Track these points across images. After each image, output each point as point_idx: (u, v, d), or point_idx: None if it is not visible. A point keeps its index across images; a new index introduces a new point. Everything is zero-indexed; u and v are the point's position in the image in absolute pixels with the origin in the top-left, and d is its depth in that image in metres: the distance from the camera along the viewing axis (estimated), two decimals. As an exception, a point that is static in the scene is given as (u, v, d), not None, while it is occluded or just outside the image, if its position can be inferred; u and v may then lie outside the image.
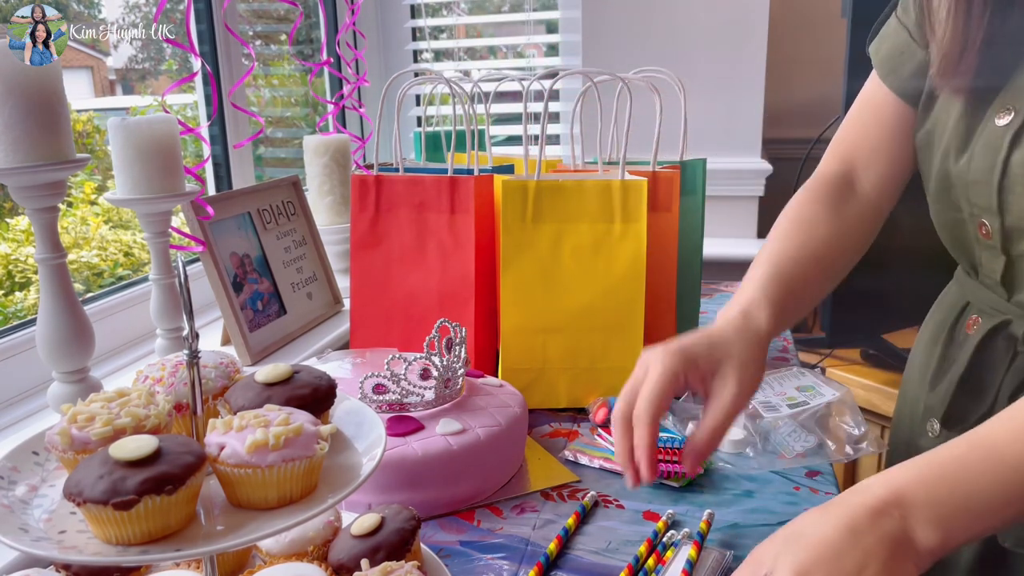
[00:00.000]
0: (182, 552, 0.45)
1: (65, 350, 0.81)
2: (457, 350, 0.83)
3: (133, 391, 0.53)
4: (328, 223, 1.41)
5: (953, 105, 0.72)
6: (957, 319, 0.80)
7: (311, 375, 0.57)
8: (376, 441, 0.55)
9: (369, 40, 1.88)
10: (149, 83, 1.74)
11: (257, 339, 1.08)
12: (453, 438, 0.77)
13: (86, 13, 1.45)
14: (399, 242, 1.04)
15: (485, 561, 0.70)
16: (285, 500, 0.49)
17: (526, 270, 0.97)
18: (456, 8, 1.97)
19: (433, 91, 1.29)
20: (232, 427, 0.49)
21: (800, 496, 0.79)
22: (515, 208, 0.97)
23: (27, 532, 0.45)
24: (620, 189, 0.97)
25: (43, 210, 0.78)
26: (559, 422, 0.97)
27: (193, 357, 0.51)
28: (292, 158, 1.79)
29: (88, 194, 1.48)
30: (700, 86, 1.68)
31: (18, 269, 1.28)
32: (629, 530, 0.74)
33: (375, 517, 0.62)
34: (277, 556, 0.62)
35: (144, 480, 0.43)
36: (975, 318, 0.77)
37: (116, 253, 1.45)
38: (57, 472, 0.52)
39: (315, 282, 1.26)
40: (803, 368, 1.02)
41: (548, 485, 0.83)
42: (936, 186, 0.75)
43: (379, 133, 1.15)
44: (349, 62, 1.56)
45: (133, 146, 0.90)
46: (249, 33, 1.69)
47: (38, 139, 0.74)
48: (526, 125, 1.05)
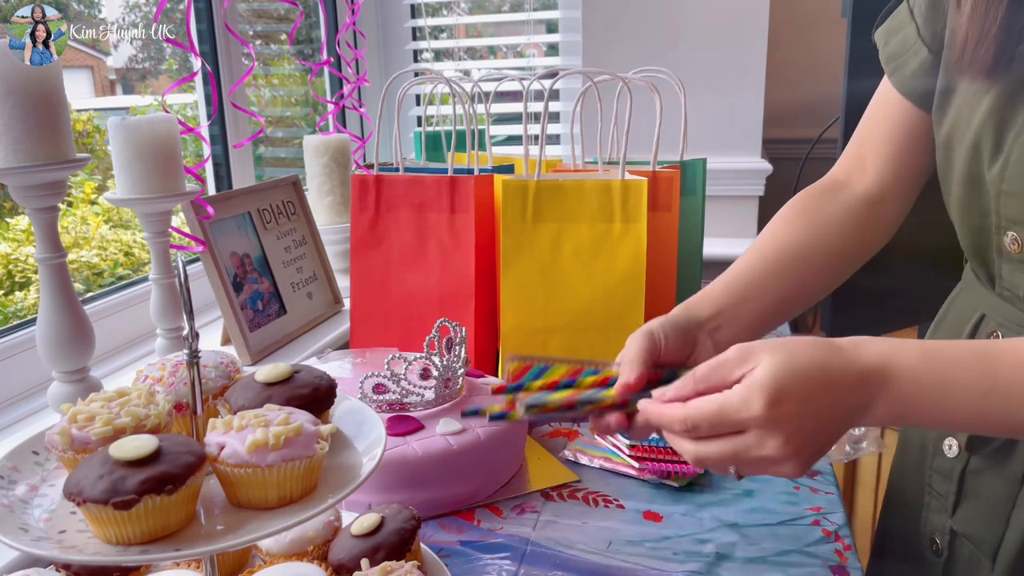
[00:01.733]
0: (182, 552, 0.45)
1: (65, 350, 0.81)
2: (457, 350, 0.83)
3: (133, 391, 0.53)
4: (328, 223, 1.41)
5: (979, 102, 0.67)
6: (973, 333, 0.76)
7: (311, 375, 0.57)
8: (376, 441, 0.55)
9: (369, 40, 1.88)
10: (149, 83, 1.74)
11: (257, 339, 1.08)
12: (453, 438, 0.77)
13: (86, 13, 1.45)
14: (399, 242, 1.04)
15: (485, 561, 0.70)
16: (285, 500, 0.49)
17: (526, 270, 0.97)
18: (456, 8, 1.97)
19: (433, 91, 1.29)
20: (232, 427, 0.49)
21: (800, 496, 0.79)
22: (515, 208, 0.97)
23: (27, 532, 0.45)
24: (620, 189, 0.97)
25: (43, 210, 0.78)
26: (559, 422, 0.97)
27: (193, 357, 0.51)
28: (292, 158, 1.79)
29: (88, 194, 1.48)
30: (700, 86, 1.68)
31: (18, 269, 1.28)
32: (629, 530, 0.74)
33: (375, 517, 0.62)
34: (277, 556, 0.62)
35: (144, 480, 0.43)
36: (995, 332, 0.72)
37: (116, 253, 1.45)
38: (57, 472, 0.52)
39: (315, 282, 1.26)
40: (803, 368, 1.01)
41: (548, 485, 0.83)
42: (961, 191, 0.70)
43: (379, 133, 1.15)
44: (349, 62, 1.56)
45: (133, 146, 0.90)
46: (249, 33, 1.69)
47: (38, 139, 0.74)
48: (526, 125, 1.05)
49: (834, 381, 0.54)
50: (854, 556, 0.69)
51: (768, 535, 0.73)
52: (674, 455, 0.83)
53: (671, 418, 0.57)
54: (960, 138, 0.69)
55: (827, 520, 0.75)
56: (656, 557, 0.70)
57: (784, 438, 0.53)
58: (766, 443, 0.53)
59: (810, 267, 0.79)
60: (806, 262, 0.79)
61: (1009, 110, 0.63)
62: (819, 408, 0.54)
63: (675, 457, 0.83)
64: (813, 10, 1.93)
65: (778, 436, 0.53)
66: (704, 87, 1.69)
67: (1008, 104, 0.63)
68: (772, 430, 0.53)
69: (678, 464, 0.82)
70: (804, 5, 1.93)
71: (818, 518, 0.75)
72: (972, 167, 0.68)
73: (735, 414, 0.54)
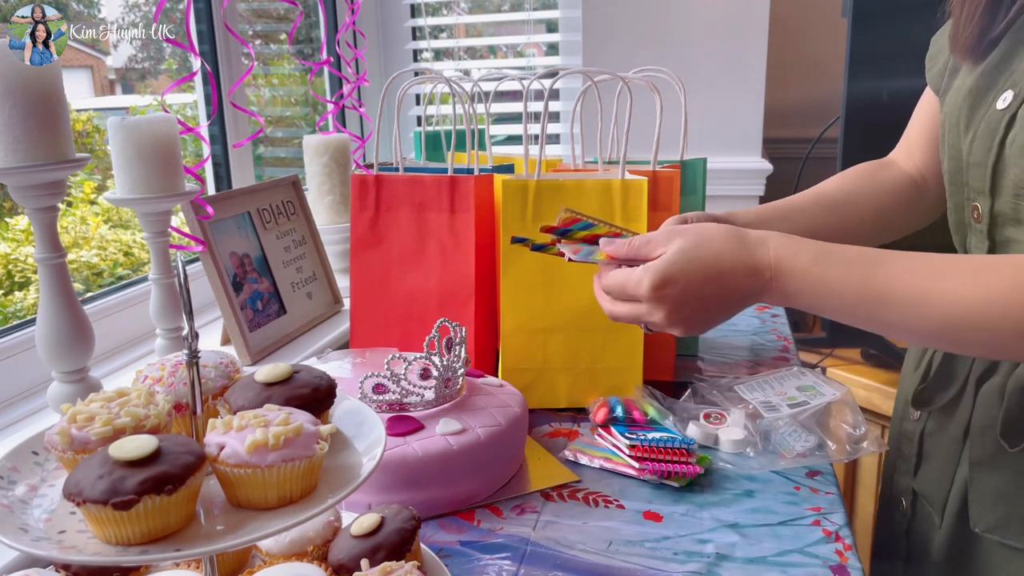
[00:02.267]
0: (182, 552, 0.45)
1: (65, 350, 0.81)
2: (457, 350, 0.83)
3: (133, 391, 0.53)
4: (328, 223, 1.41)
5: (963, 83, 0.75)
6: None
7: (311, 375, 0.57)
8: (376, 441, 0.55)
9: (369, 39, 1.88)
10: (149, 83, 1.74)
11: (257, 339, 1.08)
12: (453, 438, 0.77)
13: (86, 13, 1.45)
14: (399, 242, 1.04)
15: (485, 561, 0.70)
16: (285, 500, 0.49)
17: (526, 270, 0.97)
18: (456, 7, 1.97)
19: (433, 90, 1.29)
20: (232, 427, 0.49)
21: (800, 496, 0.79)
22: (515, 208, 0.97)
23: (27, 532, 0.45)
24: (620, 189, 0.96)
25: (43, 210, 0.78)
26: (559, 422, 0.97)
27: (193, 357, 0.51)
28: (292, 158, 1.79)
29: (88, 194, 1.48)
30: (700, 86, 1.68)
31: (18, 269, 1.28)
32: (629, 530, 0.74)
33: (375, 517, 0.62)
34: (277, 556, 0.62)
35: (144, 480, 0.43)
36: None
37: (116, 253, 1.45)
38: (57, 472, 0.52)
39: (315, 282, 1.26)
40: (803, 368, 1.02)
41: (548, 485, 0.83)
42: (948, 166, 0.79)
43: (379, 132, 1.15)
44: (349, 61, 1.56)
45: (133, 146, 0.90)
46: (249, 32, 1.69)
47: (38, 139, 0.74)
48: (526, 125, 1.05)
49: (725, 272, 0.66)
50: (854, 556, 0.69)
51: (768, 535, 0.73)
52: (674, 455, 0.83)
53: (600, 283, 0.74)
54: (949, 115, 0.78)
55: (827, 520, 0.75)
56: (656, 557, 0.70)
57: (667, 313, 0.68)
58: (654, 313, 0.68)
59: (855, 212, 0.91)
60: (854, 207, 0.91)
61: (983, 88, 0.72)
62: (704, 294, 0.67)
63: (675, 457, 0.83)
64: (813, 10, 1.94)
65: (662, 311, 0.68)
66: (704, 87, 1.70)
67: (984, 83, 0.72)
68: (657, 306, 0.68)
69: (678, 464, 0.82)
70: (804, 5, 1.94)
71: (818, 518, 0.75)
72: (954, 142, 0.76)
73: (632, 289, 0.69)
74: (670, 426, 0.90)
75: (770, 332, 1.28)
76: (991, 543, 0.74)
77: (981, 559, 0.75)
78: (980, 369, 0.75)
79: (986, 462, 0.74)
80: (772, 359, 1.16)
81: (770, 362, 1.14)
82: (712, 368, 1.13)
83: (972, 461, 0.75)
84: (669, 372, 1.08)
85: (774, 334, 1.28)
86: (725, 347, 1.21)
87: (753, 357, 1.17)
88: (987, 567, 0.75)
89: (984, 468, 0.74)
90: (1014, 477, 0.71)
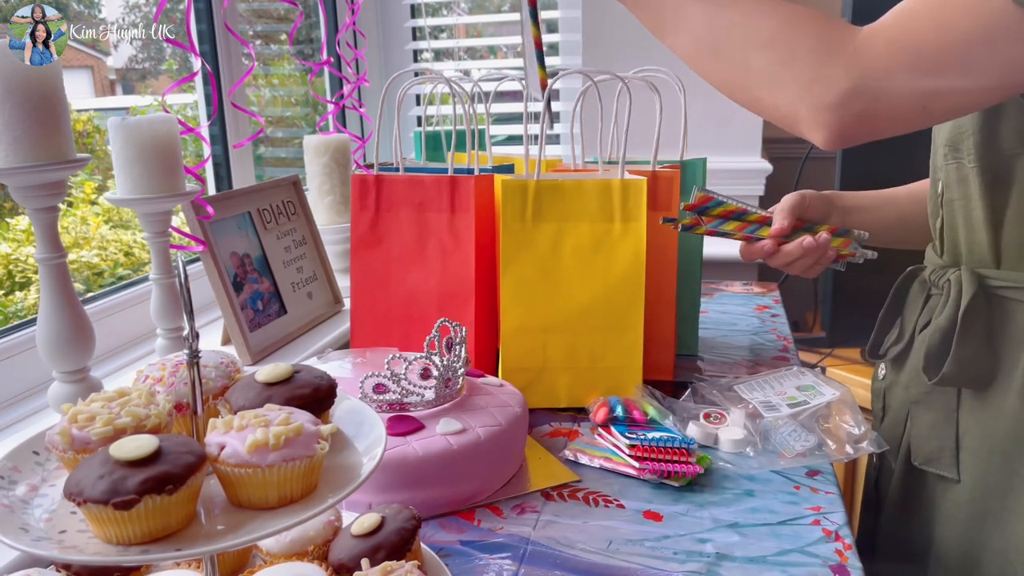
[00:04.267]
0: (182, 552, 0.45)
1: (65, 350, 0.81)
2: (457, 350, 0.83)
3: (133, 391, 0.53)
4: (328, 223, 1.41)
5: None
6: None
7: (311, 375, 0.57)
8: (376, 441, 0.55)
9: (369, 40, 1.88)
10: (149, 83, 1.74)
11: (257, 339, 1.08)
12: (453, 438, 0.77)
13: (86, 13, 1.45)
14: (399, 242, 1.04)
15: (485, 561, 0.70)
16: (285, 500, 0.49)
17: (526, 270, 0.97)
18: (456, 8, 1.97)
19: (433, 91, 1.29)
20: (232, 427, 0.49)
21: (800, 495, 0.79)
22: (515, 208, 0.97)
23: (27, 532, 0.45)
24: (620, 188, 0.97)
25: (43, 210, 0.78)
26: (559, 422, 0.97)
27: (193, 357, 0.51)
28: (292, 158, 1.79)
29: (88, 194, 1.48)
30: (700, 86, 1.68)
31: (18, 269, 1.28)
32: (629, 529, 0.74)
33: (375, 517, 0.62)
34: (277, 556, 0.62)
35: (144, 480, 0.43)
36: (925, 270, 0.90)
37: (116, 253, 1.45)
38: (57, 472, 0.52)
39: (315, 282, 1.26)
40: (803, 368, 1.02)
41: (548, 485, 0.83)
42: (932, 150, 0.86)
43: (379, 133, 1.15)
44: (349, 62, 1.56)
45: (133, 146, 0.90)
46: (249, 33, 1.69)
47: (38, 139, 0.74)
48: (526, 125, 1.05)
49: None
50: (854, 556, 0.69)
51: (768, 535, 0.73)
52: (674, 455, 0.83)
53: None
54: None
55: (827, 520, 0.75)
56: (656, 557, 0.70)
57: None
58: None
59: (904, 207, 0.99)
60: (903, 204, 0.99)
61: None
62: None
63: (675, 457, 0.83)
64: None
65: None
66: (704, 87, 1.68)
67: None
68: None
69: (678, 464, 0.82)
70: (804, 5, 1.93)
71: (818, 518, 0.75)
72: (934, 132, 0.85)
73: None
74: (670, 426, 0.90)
75: (770, 332, 1.29)
76: (931, 477, 0.83)
77: (925, 495, 0.84)
78: (923, 322, 0.86)
79: (921, 400, 0.84)
80: (772, 359, 1.16)
81: (770, 362, 1.14)
82: (712, 368, 1.13)
83: (911, 401, 0.86)
84: (669, 372, 1.08)
85: (774, 334, 1.28)
86: (725, 347, 1.21)
87: (753, 357, 1.17)
88: (929, 501, 0.84)
89: (920, 406, 0.84)
90: (943, 413, 0.81)
